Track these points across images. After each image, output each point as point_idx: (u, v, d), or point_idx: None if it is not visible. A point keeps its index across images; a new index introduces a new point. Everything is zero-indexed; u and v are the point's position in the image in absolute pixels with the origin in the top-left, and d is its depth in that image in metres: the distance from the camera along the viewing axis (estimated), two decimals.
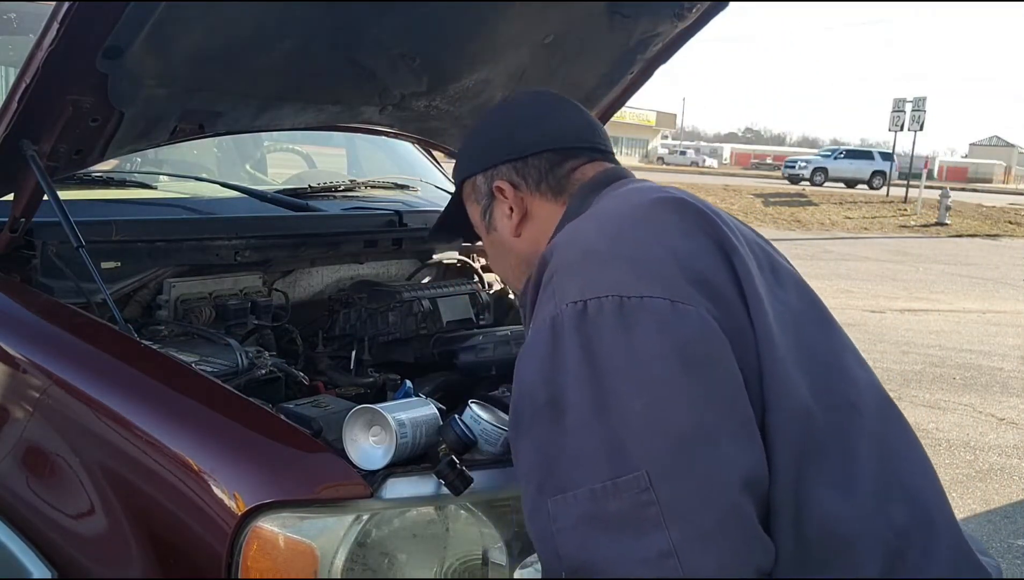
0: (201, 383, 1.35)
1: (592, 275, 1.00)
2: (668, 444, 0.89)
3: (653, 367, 0.92)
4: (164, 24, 1.48)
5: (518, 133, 1.30)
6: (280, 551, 1.13)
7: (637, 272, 0.98)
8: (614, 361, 0.93)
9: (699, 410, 0.90)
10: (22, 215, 1.59)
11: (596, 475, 0.89)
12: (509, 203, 1.28)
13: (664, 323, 0.94)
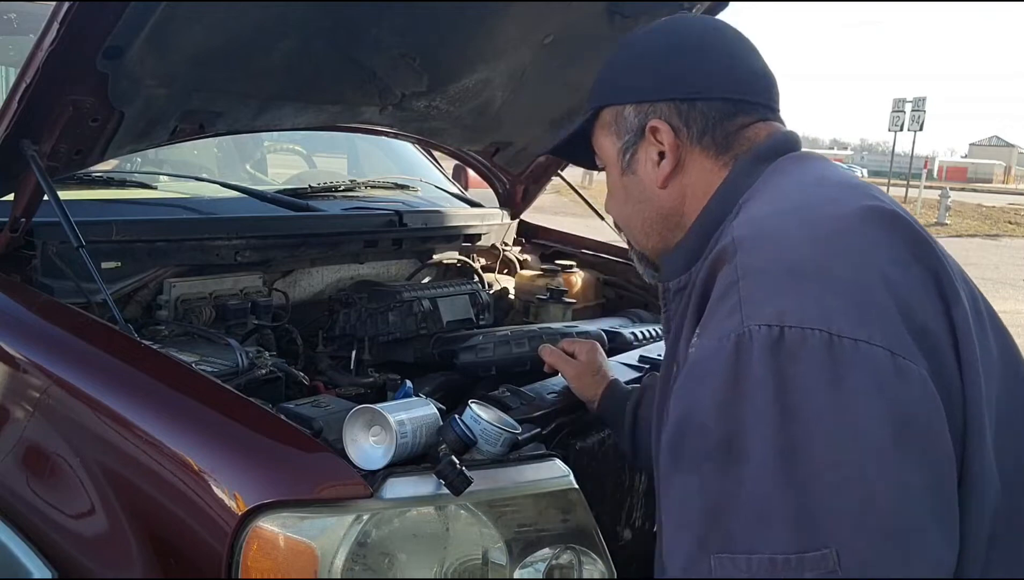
0: (201, 383, 1.35)
1: (796, 297, 0.81)
2: (867, 526, 0.74)
3: (861, 433, 0.76)
4: (164, 24, 1.48)
5: (690, 69, 1.07)
6: (280, 551, 1.13)
7: (854, 306, 0.79)
8: (813, 413, 0.76)
9: (909, 493, 0.76)
10: (22, 215, 1.59)
11: (777, 542, 0.75)
12: (663, 148, 1.07)
13: (882, 381, 0.77)
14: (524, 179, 2.82)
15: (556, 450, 1.40)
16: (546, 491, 1.29)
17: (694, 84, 1.06)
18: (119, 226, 1.77)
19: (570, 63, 2.31)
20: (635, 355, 1.85)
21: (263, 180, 2.87)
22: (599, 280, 2.82)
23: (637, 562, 1.78)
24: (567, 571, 1.27)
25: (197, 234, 1.90)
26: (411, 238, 2.42)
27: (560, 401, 1.60)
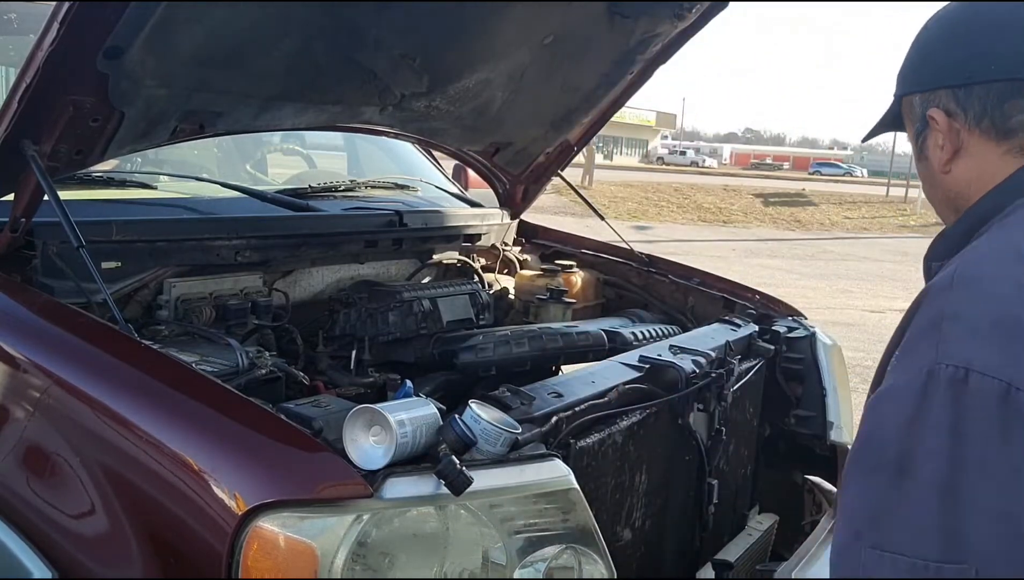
0: (201, 383, 1.35)
1: (987, 348, 0.87)
2: (1010, 556, 0.82)
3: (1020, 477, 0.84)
4: (164, 24, 1.48)
5: (965, 53, 1.06)
6: (280, 551, 1.13)
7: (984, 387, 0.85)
8: (981, 454, 0.84)
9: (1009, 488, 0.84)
10: (22, 215, 1.59)
11: (923, 549, 0.84)
12: (942, 134, 1.08)
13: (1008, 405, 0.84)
14: (524, 179, 2.82)
15: (556, 450, 1.40)
16: (546, 491, 1.30)
17: (969, 67, 1.05)
18: (119, 226, 1.77)
19: (570, 63, 2.31)
20: (635, 355, 1.85)
21: (263, 180, 2.87)
22: (599, 280, 2.82)
23: (637, 562, 1.78)
24: (567, 571, 1.27)
25: (197, 234, 1.90)
26: (411, 238, 2.42)
27: (560, 401, 1.60)
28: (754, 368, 2.19)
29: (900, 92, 1.15)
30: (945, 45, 1.09)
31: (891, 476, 0.88)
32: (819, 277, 11.11)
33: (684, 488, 1.93)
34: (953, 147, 1.08)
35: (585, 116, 2.61)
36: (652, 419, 1.75)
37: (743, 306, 2.49)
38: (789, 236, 17.24)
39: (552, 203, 16.19)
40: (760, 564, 2.11)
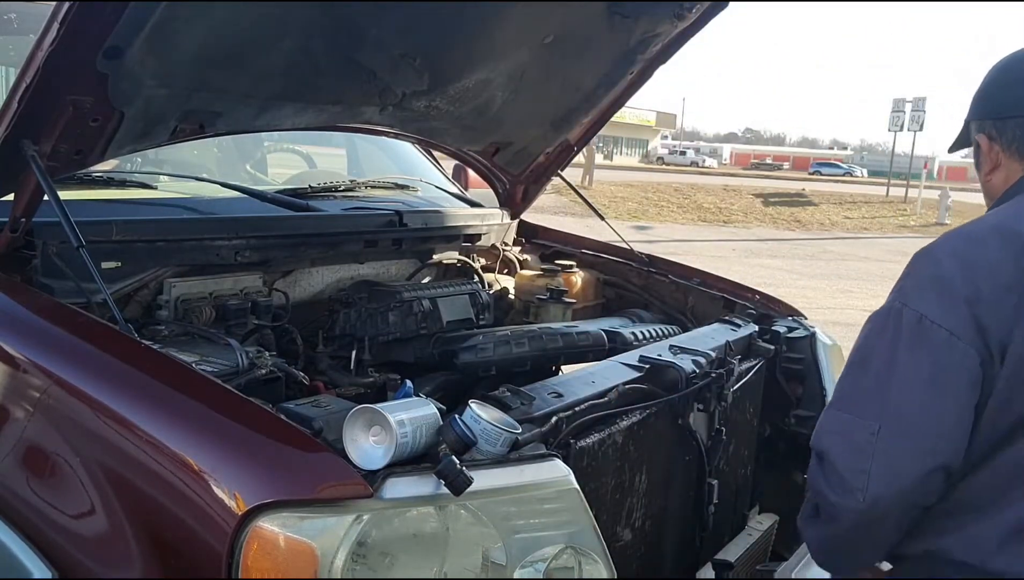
0: (201, 383, 1.35)
1: (918, 293, 1.32)
2: (895, 421, 1.29)
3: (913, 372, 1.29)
4: (164, 24, 1.48)
5: (1004, 93, 1.45)
6: (280, 551, 1.13)
7: (949, 308, 1.28)
8: (901, 361, 1.30)
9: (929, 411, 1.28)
10: (22, 215, 1.59)
11: (857, 411, 1.32)
12: (984, 154, 1.46)
13: (936, 349, 1.28)
14: (524, 179, 2.82)
15: (556, 450, 1.40)
16: (546, 491, 1.30)
17: (1005, 104, 1.43)
18: (119, 226, 1.77)
19: (570, 63, 2.31)
20: (635, 355, 1.85)
21: (263, 180, 2.87)
22: (599, 280, 2.82)
23: (637, 562, 1.78)
24: (567, 571, 1.27)
25: (197, 234, 1.90)
26: (411, 238, 2.42)
27: (560, 401, 1.60)
28: (754, 368, 2.19)
29: (967, 118, 1.53)
30: (995, 87, 1.45)
31: (857, 368, 1.37)
32: (819, 277, 11.11)
33: (684, 488, 1.93)
34: (992, 164, 1.45)
35: (585, 116, 2.61)
36: (652, 419, 1.75)
37: (743, 306, 2.50)
38: (789, 236, 17.23)
39: (552, 203, 16.19)
40: (760, 564, 2.11)
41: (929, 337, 1.28)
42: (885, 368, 1.31)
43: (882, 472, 1.28)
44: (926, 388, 1.28)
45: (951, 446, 1.28)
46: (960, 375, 1.26)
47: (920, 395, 1.28)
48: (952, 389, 1.27)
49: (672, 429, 1.84)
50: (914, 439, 1.27)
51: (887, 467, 1.28)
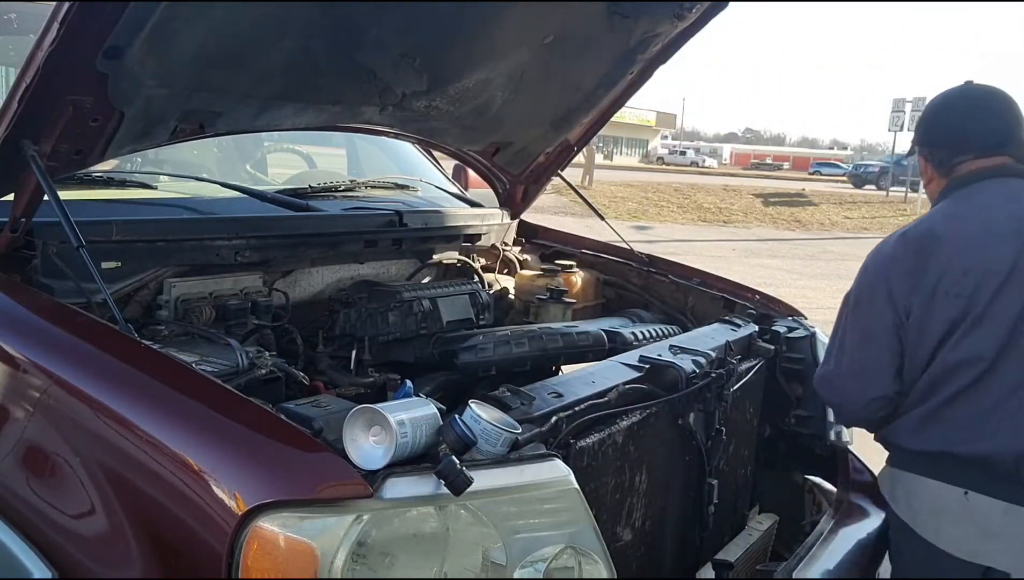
0: (201, 383, 1.35)
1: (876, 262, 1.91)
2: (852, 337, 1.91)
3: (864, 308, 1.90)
4: (164, 24, 1.48)
5: (934, 127, 1.99)
6: (280, 551, 1.13)
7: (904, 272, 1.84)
8: (848, 328, 1.92)
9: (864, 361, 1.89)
10: (22, 215, 1.59)
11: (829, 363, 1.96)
12: (922, 169, 2.03)
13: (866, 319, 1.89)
14: (524, 179, 2.82)
15: (556, 450, 1.40)
16: (546, 491, 1.30)
17: (934, 138, 1.98)
18: (119, 226, 1.77)
19: (570, 63, 2.31)
20: (635, 355, 1.85)
21: (263, 180, 2.87)
22: (599, 280, 2.82)
23: (637, 562, 1.78)
24: (567, 571, 1.27)
25: (197, 234, 1.90)
26: (411, 238, 2.42)
27: (560, 401, 1.60)
28: (754, 368, 2.19)
29: (913, 141, 2.08)
30: (929, 121, 2.01)
31: (848, 310, 1.93)
32: (819, 277, 11.10)
33: (684, 488, 1.93)
34: (928, 178, 2.02)
35: (585, 116, 2.61)
36: (652, 419, 1.75)
37: (743, 306, 2.50)
38: (789, 236, 17.23)
39: (552, 203, 16.18)
40: (760, 564, 2.11)
41: (862, 310, 1.90)
42: (840, 333, 1.94)
43: (839, 402, 2.01)
44: (861, 343, 1.89)
45: (883, 381, 1.85)
46: (884, 331, 1.84)
47: (859, 348, 1.89)
48: (878, 341, 1.85)
49: (672, 429, 1.84)
50: (857, 378, 1.89)
51: (842, 399, 1.97)
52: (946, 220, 1.86)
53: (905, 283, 1.82)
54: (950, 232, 1.83)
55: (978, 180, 1.89)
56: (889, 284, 1.84)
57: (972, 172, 1.90)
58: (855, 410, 1.92)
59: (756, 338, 2.26)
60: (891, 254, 1.87)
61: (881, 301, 1.84)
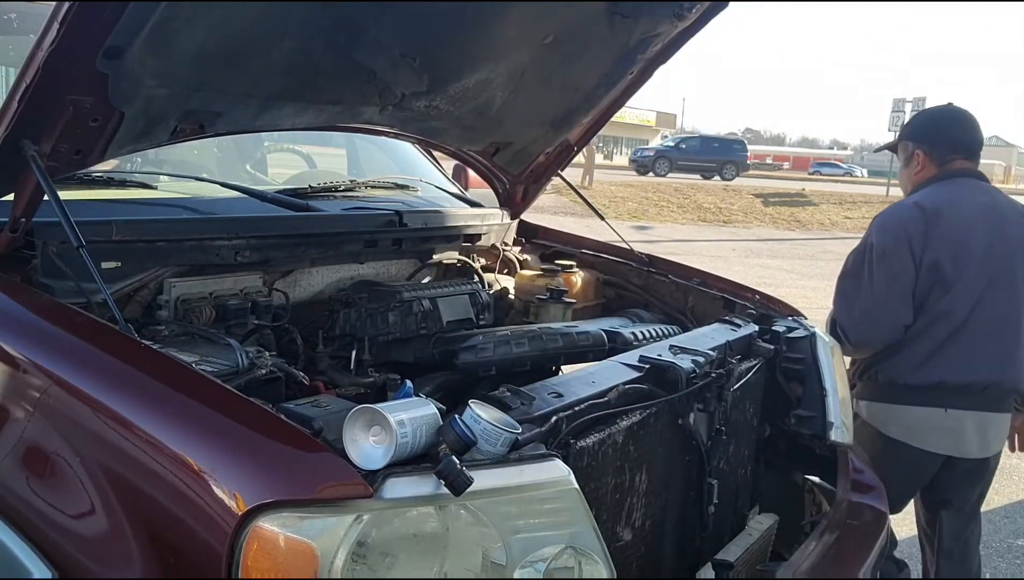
0: (201, 383, 1.35)
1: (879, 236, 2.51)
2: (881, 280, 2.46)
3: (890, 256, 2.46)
4: (164, 24, 1.48)
5: (935, 129, 2.65)
6: (280, 551, 1.13)
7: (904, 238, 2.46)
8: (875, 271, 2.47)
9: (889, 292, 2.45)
10: (22, 215, 1.59)
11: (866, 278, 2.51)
12: (919, 162, 2.64)
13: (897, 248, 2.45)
14: (524, 179, 2.82)
15: (556, 450, 1.39)
16: (546, 491, 1.29)
17: (940, 139, 2.61)
18: (119, 226, 1.77)
19: (570, 63, 2.31)
20: (635, 355, 1.85)
21: (263, 180, 2.87)
22: (599, 280, 2.82)
23: (637, 562, 1.78)
24: (567, 571, 1.27)
25: (197, 234, 1.90)
26: (411, 238, 2.42)
27: (560, 401, 1.60)
28: (754, 368, 2.18)
29: (904, 136, 2.70)
30: (930, 125, 2.66)
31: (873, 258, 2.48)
32: (819, 277, 11.09)
33: (684, 488, 1.93)
34: (921, 167, 2.61)
35: (585, 116, 2.61)
36: (652, 419, 1.75)
37: (743, 306, 2.49)
38: (789, 236, 17.24)
39: (552, 203, 16.18)
40: (760, 564, 2.11)
41: (888, 258, 2.44)
42: (866, 278, 2.48)
43: (870, 330, 2.49)
44: (891, 284, 2.43)
45: (908, 311, 2.44)
46: (906, 274, 2.43)
47: (889, 288, 2.43)
48: (904, 280, 2.43)
49: (672, 429, 1.84)
50: (890, 309, 2.44)
51: (874, 327, 2.48)
52: (947, 201, 2.47)
53: (919, 241, 2.40)
54: (950, 211, 2.44)
55: (961, 176, 2.55)
56: (910, 239, 2.42)
57: (959, 169, 2.57)
58: (887, 334, 2.45)
59: (756, 338, 2.26)
60: (909, 217, 2.45)
61: (904, 250, 2.41)
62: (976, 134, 2.59)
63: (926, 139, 2.60)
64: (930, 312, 2.43)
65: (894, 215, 2.50)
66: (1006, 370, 2.46)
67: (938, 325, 2.42)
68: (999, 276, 2.44)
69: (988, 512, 4.05)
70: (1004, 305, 2.45)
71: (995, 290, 2.43)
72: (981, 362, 2.44)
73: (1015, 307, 2.47)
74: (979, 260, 2.42)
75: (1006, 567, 3.56)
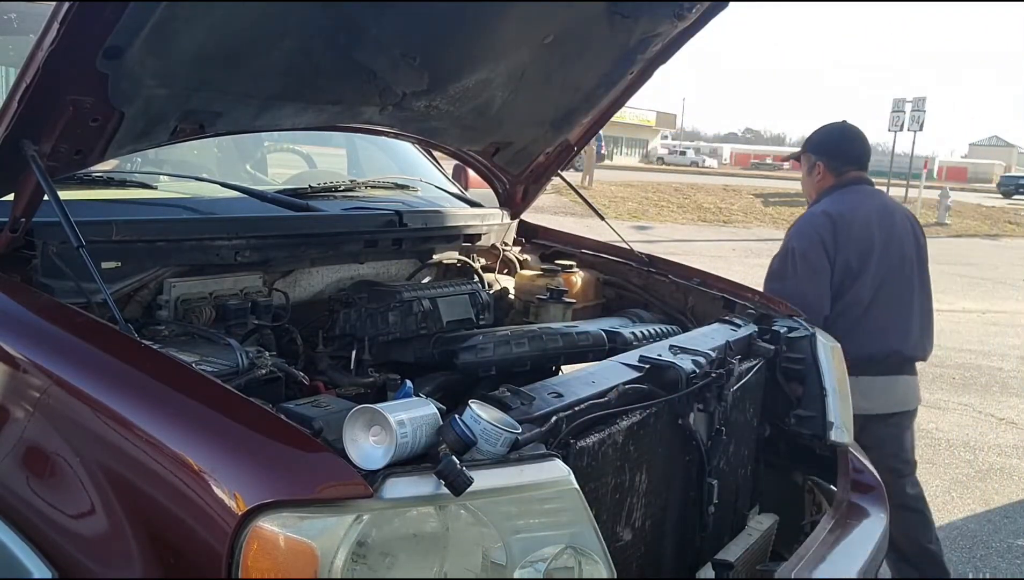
0: (201, 383, 1.35)
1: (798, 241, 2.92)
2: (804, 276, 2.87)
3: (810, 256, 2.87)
4: (164, 24, 1.48)
5: (833, 144, 3.09)
6: (280, 551, 1.13)
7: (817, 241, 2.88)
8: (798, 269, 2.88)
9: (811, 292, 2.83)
10: (22, 215, 1.59)
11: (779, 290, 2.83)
12: (819, 172, 3.07)
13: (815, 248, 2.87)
14: (524, 179, 2.82)
15: (556, 450, 1.39)
16: (546, 491, 1.29)
17: (839, 153, 3.06)
18: (119, 226, 1.77)
19: (570, 63, 2.31)
20: (635, 355, 1.85)
21: (263, 180, 2.87)
22: (599, 280, 2.82)
23: (637, 562, 1.78)
24: (567, 571, 1.27)
25: (197, 234, 1.90)
26: (411, 238, 2.42)
27: (560, 401, 1.60)
28: (754, 368, 2.19)
29: (807, 149, 3.12)
30: (829, 141, 3.10)
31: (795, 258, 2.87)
32: None
33: (684, 488, 1.93)
34: (821, 177, 3.05)
35: (585, 116, 2.61)
36: (652, 419, 1.75)
37: (743, 306, 2.49)
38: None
39: (552, 203, 16.19)
40: (760, 564, 2.11)
41: (809, 257, 2.84)
42: (789, 272, 2.86)
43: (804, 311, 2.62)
44: (812, 280, 2.83)
45: (827, 303, 2.83)
46: (824, 271, 2.83)
47: (811, 284, 2.82)
48: (822, 278, 2.83)
49: (672, 429, 1.84)
50: (810, 304, 2.71)
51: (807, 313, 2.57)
52: (848, 209, 2.91)
53: (831, 243, 2.84)
54: (851, 217, 2.89)
55: (855, 184, 3.01)
56: (823, 242, 2.84)
57: (853, 178, 3.03)
58: (818, 322, 2.66)
59: (756, 338, 2.26)
60: (821, 224, 2.88)
61: (820, 251, 2.84)
62: (866, 147, 3.10)
63: (825, 152, 3.05)
64: (843, 300, 2.85)
65: (808, 223, 2.93)
66: (904, 341, 2.92)
67: (849, 311, 2.84)
68: (893, 266, 2.91)
69: (988, 512, 4.05)
70: (899, 289, 2.92)
71: (891, 278, 2.90)
72: (884, 336, 2.88)
73: (908, 289, 2.95)
74: (878, 255, 2.88)
75: (1006, 567, 3.56)
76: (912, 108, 24.06)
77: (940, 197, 21.43)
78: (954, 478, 4.45)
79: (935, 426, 5.24)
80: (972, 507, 4.10)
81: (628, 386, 1.70)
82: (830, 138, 3.11)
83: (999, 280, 12.44)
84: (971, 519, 3.96)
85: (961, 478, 4.46)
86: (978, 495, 4.25)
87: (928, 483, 4.35)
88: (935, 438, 5.03)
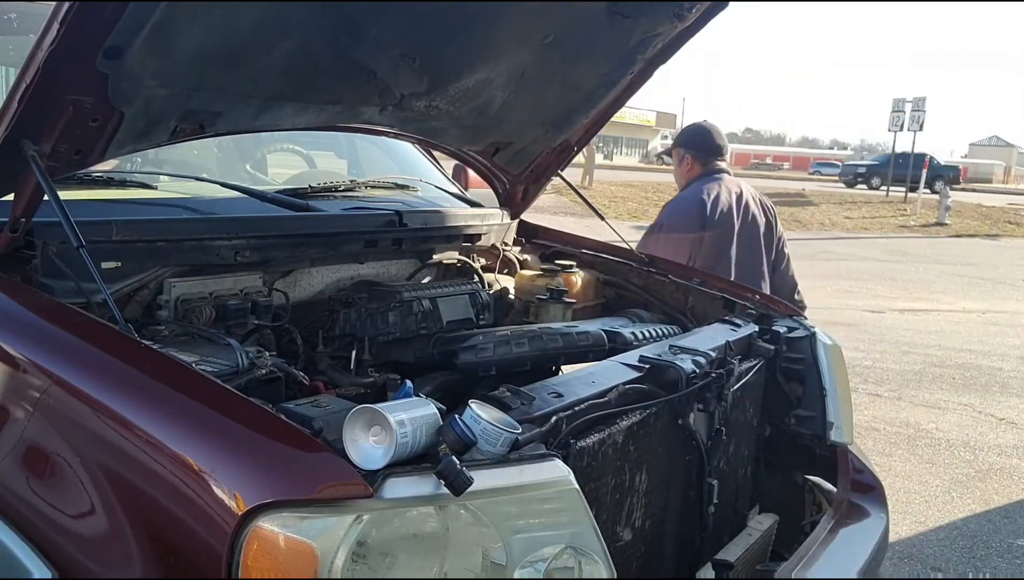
0: (201, 383, 1.35)
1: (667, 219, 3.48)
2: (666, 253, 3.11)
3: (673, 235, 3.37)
4: (164, 24, 1.48)
5: (701, 140, 3.58)
6: (280, 551, 1.13)
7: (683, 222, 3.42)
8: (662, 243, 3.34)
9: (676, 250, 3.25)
10: (22, 215, 1.59)
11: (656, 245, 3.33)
12: (688, 163, 3.53)
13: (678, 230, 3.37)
14: (524, 179, 2.82)
15: (556, 450, 1.40)
16: (546, 491, 1.30)
17: (704, 147, 3.57)
18: (119, 226, 1.77)
19: (570, 63, 2.31)
20: (635, 355, 1.85)
21: (263, 180, 2.87)
22: (599, 280, 2.82)
23: (637, 562, 1.78)
24: (567, 571, 1.27)
25: (197, 234, 1.90)
26: (411, 238, 2.42)
27: (560, 401, 1.60)
28: (754, 368, 2.19)
29: (677, 145, 3.68)
30: (697, 137, 3.63)
31: (660, 234, 3.39)
32: (819, 277, 11.09)
33: (684, 488, 1.93)
34: (689, 168, 3.56)
35: (585, 116, 2.61)
36: (652, 419, 1.75)
37: (743, 306, 2.50)
38: (789, 236, 17.16)
39: (552, 203, 16.18)
40: (760, 564, 2.11)
41: (672, 236, 3.27)
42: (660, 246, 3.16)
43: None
44: (674, 253, 3.09)
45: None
46: (683, 251, 3.20)
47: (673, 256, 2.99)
48: (680, 252, 3.17)
49: (672, 429, 1.84)
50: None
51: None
52: (712, 195, 3.37)
53: (700, 223, 3.31)
54: (714, 202, 3.35)
55: (718, 172, 3.49)
56: (691, 221, 3.32)
57: (716, 168, 3.50)
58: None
59: (756, 338, 2.26)
60: (687, 208, 3.39)
61: (686, 229, 3.29)
62: (725, 142, 3.63)
63: (693, 146, 3.58)
64: (711, 271, 3.12)
65: (680, 204, 3.49)
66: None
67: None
68: (748, 244, 3.42)
69: (988, 512, 4.05)
70: (752, 263, 3.43)
71: (746, 254, 3.41)
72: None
73: (759, 262, 3.47)
74: (737, 234, 3.38)
75: (1006, 567, 3.56)
76: (912, 108, 24.08)
77: (940, 197, 21.42)
78: (954, 478, 4.45)
79: (935, 426, 5.24)
80: (972, 507, 4.10)
81: (628, 386, 1.70)
82: (697, 133, 3.65)
83: (999, 280, 12.44)
84: (971, 519, 3.96)
85: (961, 478, 4.46)
86: (978, 495, 4.25)
87: (928, 483, 4.36)
88: (935, 438, 5.03)
